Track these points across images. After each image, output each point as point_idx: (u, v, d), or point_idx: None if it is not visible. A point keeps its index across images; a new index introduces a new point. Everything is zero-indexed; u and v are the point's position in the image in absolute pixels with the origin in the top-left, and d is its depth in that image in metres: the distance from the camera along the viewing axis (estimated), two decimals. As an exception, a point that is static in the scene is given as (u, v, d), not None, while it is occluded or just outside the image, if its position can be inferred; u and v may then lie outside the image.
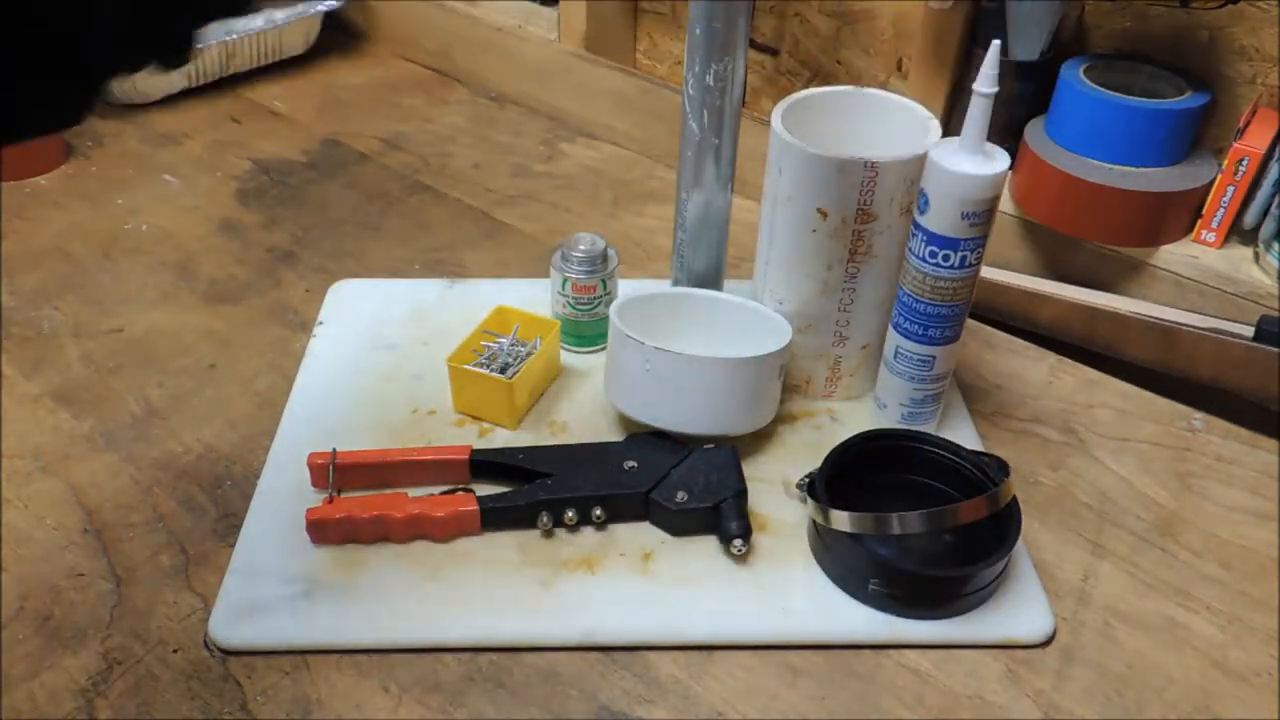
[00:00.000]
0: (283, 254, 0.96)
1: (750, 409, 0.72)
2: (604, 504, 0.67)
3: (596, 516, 0.67)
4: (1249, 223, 0.88)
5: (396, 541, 0.66)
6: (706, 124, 0.75)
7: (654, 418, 0.72)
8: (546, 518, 0.66)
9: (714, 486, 0.67)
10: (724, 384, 0.70)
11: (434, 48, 1.33)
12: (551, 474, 0.68)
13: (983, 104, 0.62)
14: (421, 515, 0.65)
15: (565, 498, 0.67)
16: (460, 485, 0.69)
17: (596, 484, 0.67)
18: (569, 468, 0.68)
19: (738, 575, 0.65)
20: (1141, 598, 0.66)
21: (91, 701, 0.58)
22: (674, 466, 0.69)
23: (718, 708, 0.59)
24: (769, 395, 0.73)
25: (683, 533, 0.67)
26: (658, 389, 0.71)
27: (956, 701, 0.59)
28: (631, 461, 0.69)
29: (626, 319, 0.74)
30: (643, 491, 0.67)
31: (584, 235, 0.80)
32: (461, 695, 0.59)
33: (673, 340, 0.79)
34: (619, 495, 0.67)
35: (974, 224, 0.64)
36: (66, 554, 0.66)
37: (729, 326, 0.78)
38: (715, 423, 0.71)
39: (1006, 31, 0.93)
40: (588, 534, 0.68)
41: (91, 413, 0.77)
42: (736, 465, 0.69)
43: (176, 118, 1.18)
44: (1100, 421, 0.80)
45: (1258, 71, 0.87)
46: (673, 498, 0.67)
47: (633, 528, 0.68)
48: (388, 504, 0.66)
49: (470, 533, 0.67)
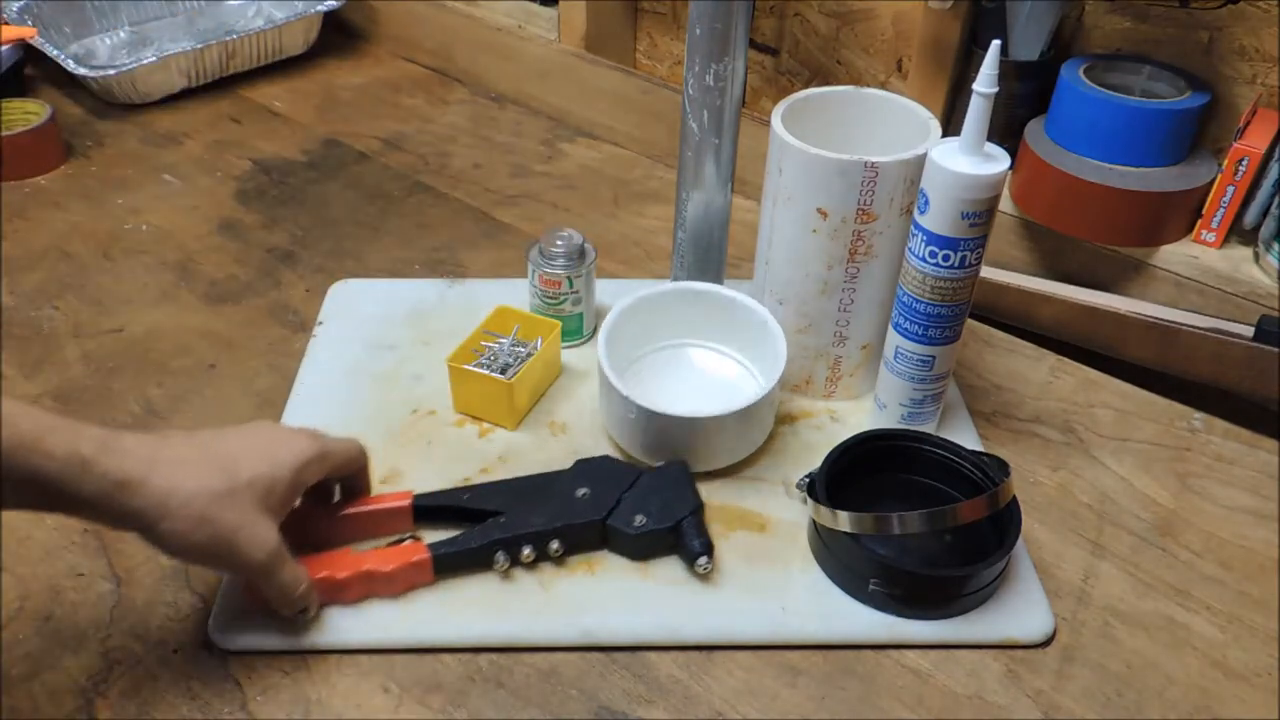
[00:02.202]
0: (283, 254, 0.96)
1: (733, 449, 0.72)
2: (560, 536, 0.64)
3: (554, 550, 0.64)
4: (1249, 223, 0.88)
5: (345, 603, 0.62)
6: (706, 124, 0.75)
7: (636, 452, 0.72)
8: (503, 558, 0.63)
9: (670, 506, 0.65)
10: (709, 432, 0.70)
11: (434, 48, 1.33)
12: (502, 511, 0.65)
13: (983, 104, 0.62)
14: (370, 571, 0.61)
15: (520, 534, 0.63)
16: (407, 534, 0.66)
17: (550, 516, 0.64)
18: (519, 503, 0.65)
19: (738, 575, 0.65)
20: (1141, 598, 0.66)
21: (91, 701, 0.58)
22: (627, 490, 0.66)
23: (718, 708, 0.59)
24: (756, 431, 0.73)
25: (644, 557, 0.65)
26: (641, 433, 0.71)
27: (956, 701, 0.59)
28: (583, 489, 0.66)
29: (621, 327, 0.74)
30: (599, 519, 0.65)
31: (563, 231, 0.80)
32: (461, 695, 0.59)
33: (672, 341, 0.80)
34: (574, 526, 0.64)
35: (974, 224, 0.64)
36: (66, 554, 0.66)
37: (729, 327, 0.78)
38: (695, 463, 0.71)
39: (1006, 31, 0.93)
40: (548, 569, 0.65)
41: (91, 413, 0.77)
42: (690, 481, 0.67)
43: (176, 118, 1.18)
44: (1100, 421, 0.80)
45: (1258, 71, 0.87)
46: (630, 522, 0.64)
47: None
48: (331, 563, 0.62)
49: (423, 583, 0.63)
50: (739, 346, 0.79)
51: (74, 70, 1.14)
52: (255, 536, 0.55)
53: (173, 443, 0.54)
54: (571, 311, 0.82)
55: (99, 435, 0.51)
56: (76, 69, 1.14)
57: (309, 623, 0.61)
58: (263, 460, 0.56)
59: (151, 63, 1.16)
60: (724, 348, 0.80)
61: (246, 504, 0.55)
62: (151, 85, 1.19)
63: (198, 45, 1.19)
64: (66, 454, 0.49)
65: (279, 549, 0.56)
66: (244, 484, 0.55)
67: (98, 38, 1.30)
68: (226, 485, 0.54)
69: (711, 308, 0.78)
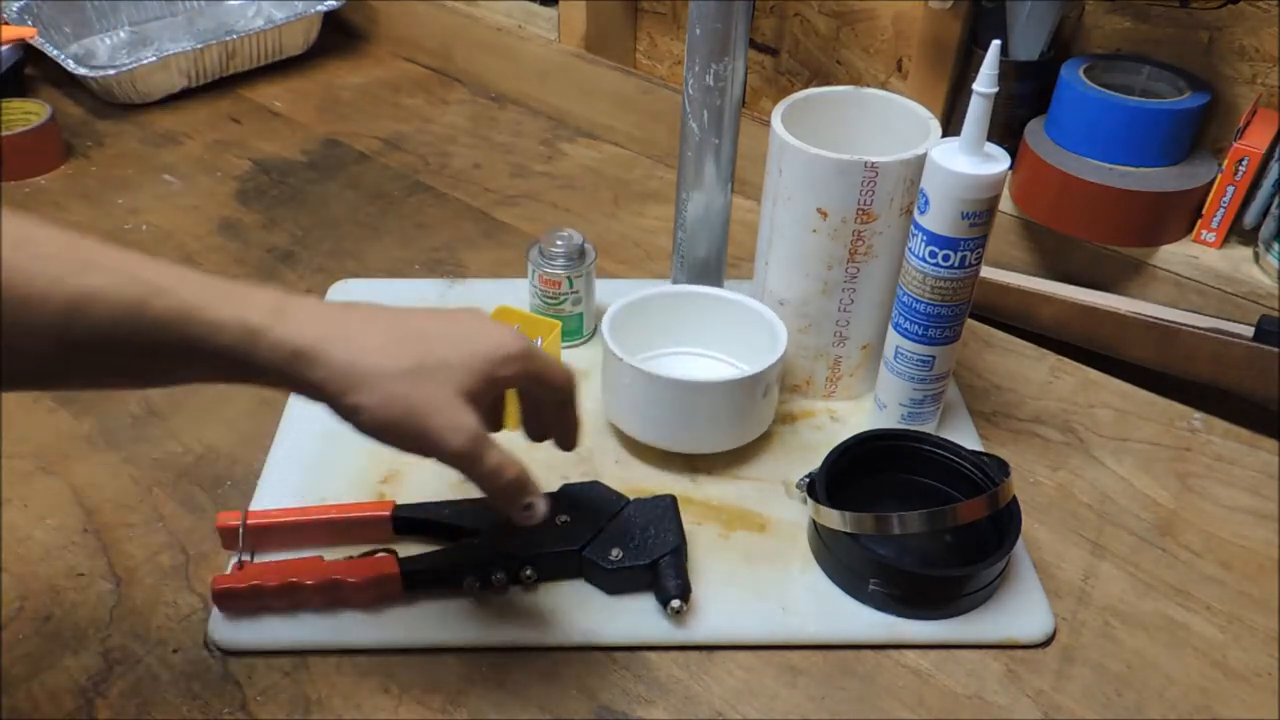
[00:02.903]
0: (283, 254, 0.96)
1: (734, 427, 0.72)
2: (534, 563, 0.62)
3: (526, 577, 0.62)
4: (1249, 223, 0.88)
5: (312, 609, 0.61)
6: (706, 124, 0.75)
7: (637, 431, 0.72)
8: (473, 580, 0.62)
9: (651, 542, 0.63)
10: (704, 405, 0.69)
11: (434, 48, 1.33)
12: (480, 531, 0.64)
13: (983, 104, 0.62)
14: (337, 580, 0.61)
15: (492, 558, 0.62)
16: (382, 546, 0.65)
17: (526, 542, 0.62)
18: (497, 524, 0.63)
19: (738, 575, 0.65)
20: (1141, 598, 0.66)
21: (91, 701, 0.58)
22: (609, 520, 0.64)
23: (718, 708, 0.59)
24: (757, 412, 0.72)
25: (618, 591, 0.63)
26: (642, 404, 0.71)
27: (956, 701, 0.59)
28: (565, 515, 0.64)
29: (623, 322, 0.74)
30: (575, 549, 0.63)
31: (563, 231, 0.80)
32: (461, 695, 0.59)
33: (671, 341, 0.80)
34: (549, 554, 0.63)
35: (974, 224, 0.64)
36: (66, 554, 0.66)
37: (729, 326, 0.78)
38: (697, 442, 0.71)
39: (1006, 31, 0.93)
40: (518, 595, 0.63)
41: (91, 413, 0.77)
42: (676, 517, 0.65)
43: (176, 118, 1.18)
44: (1100, 421, 0.80)
45: (1258, 71, 0.87)
46: (606, 555, 0.62)
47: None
48: (300, 569, 0.61)
49: (392, 598, 0.62)
50: (739, 347, 0.79)
51: (74, 70, 1.13)
52: (453, 420, 0.49)
53: (357, 314, 0.50)
54: (571, 311, 0.82)
55: (271, 301, 0.47)
56: (76, 69, 1.14)
57: (309, 623, 0.61)
58: (457, 345, 0.51)
59: (151, 63, 1.16)
60: (723, 351, 0.80)
61: (440, 385, 0.49)
62: (151, 85, 1.19)
63: (198, 45, 1.19)
64: (235, 324, 0.45)
65: (479, 434, 0.50)
66: (435, 365, 0.50)
67: (98, 38, 1.30)
68: (415, 363, 0.49)
69: (712, 308, 0.78)
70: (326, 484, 0.70)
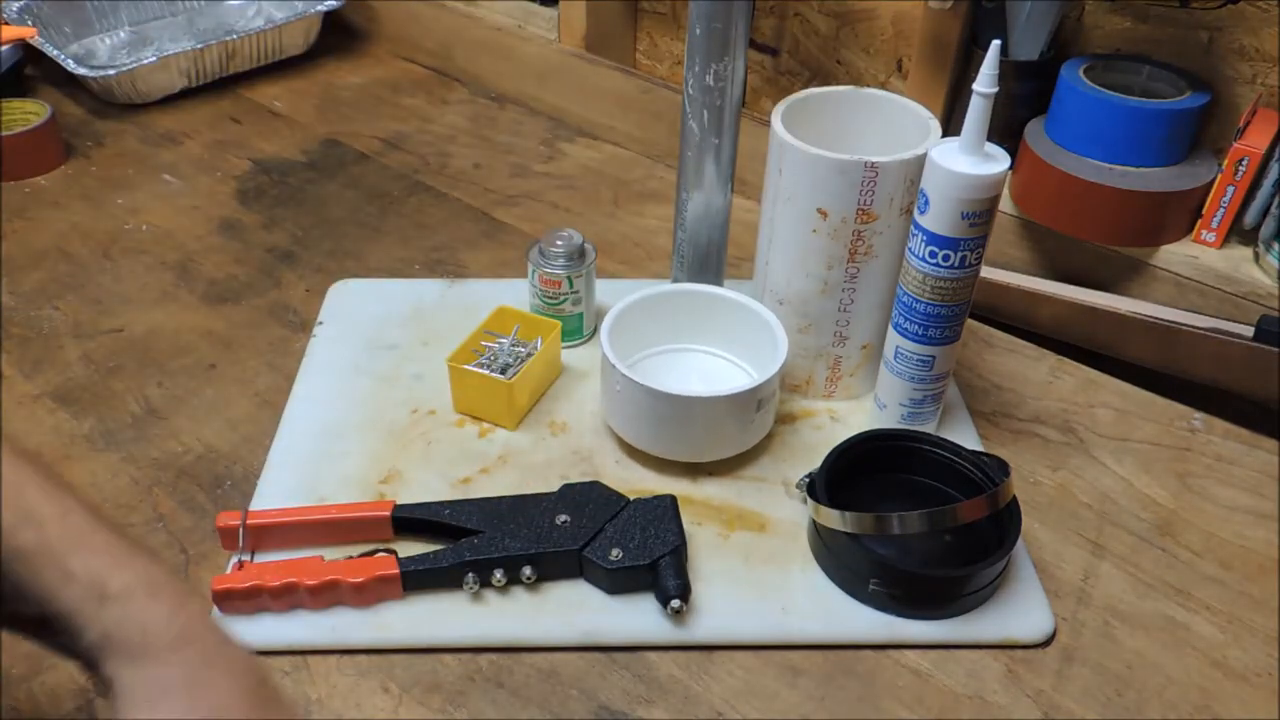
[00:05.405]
0: (282, 254, 0.96)
1: (732, 437, 0.72)
2: (534, 563, 0.62)
3: (526, 577, 0.62)
4: (1249, 223, 0.88)
5: (312, 609, 0.62)
6: (706, 124, 0.75)
7: (634, 439, 0.72)
8: (473, 579, 0.62)
9: (651, 542, 0.63)
10: (702, 417, 0.69)
11: (434, 48, 1.33)
12: (480, 531, 0.64)
13: (983, 104, 0.62)
14: (336, 581, 0.61)
15: (493, 558, 0.62)
16: (382, 545, 0.65)
17: (526, 542, 0.63)
18: (498, 524, 0.64)
19: (738, 575, 0.65)
20: (1141, 598, 0.66)
21: (91, 701, 0.58)
22: (610, 520, 0.65)
23: (718, 708, 0.59)
24: (755, 422, 0.72)
25: (618, 591, 0.63)
26: (639, 415, 0.71)
27: (956, 701, 0.59)
28: (565, 515, 0.65)
29: (622, 326, 0.74)
30: (575, 549, 0.63)
31: (563, 231, 0.80)
32: (461, 695, 0.59)
33: (671, 339, 0.80)
34: (549, 554, 0.63)
35: (974, 224, 0.64)
36: (66, 554, 0.66)
37: (729, 326, 0.78)
38: (695, 451, 0.71)
39: (1006, 31, 0.93)
40: (519, 595, 0.63)
41: (91, 413, 0.77)
42: (676, 517, 0.65)
43: (176, 118, 1.18)
44: (1100, 421, 0.80)
45: (1258, 71, 0.87)
46: (607, 555, 0.62)
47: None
48: (299, 569, 0.61)
49: (391, 598, 0.62)
50: (739, 347, 0.79)
51: (74, 70, 1.13)
52: None
53: (187, 673, 0.44)
54: (571, 311, 0.82)
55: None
56: (76, 69, 1.14)
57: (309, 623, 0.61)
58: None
59: (151, 63, 1.16)
60: (724, 349, 0.80)
61: None
62: (151, 85, 1.19)
63: (198, 45, 1.19)
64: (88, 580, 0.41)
65: None
66: None
67: (98, 38, 1.30)
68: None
69: (711, 308, 0.78)
70: (326, 484, 0.70)
